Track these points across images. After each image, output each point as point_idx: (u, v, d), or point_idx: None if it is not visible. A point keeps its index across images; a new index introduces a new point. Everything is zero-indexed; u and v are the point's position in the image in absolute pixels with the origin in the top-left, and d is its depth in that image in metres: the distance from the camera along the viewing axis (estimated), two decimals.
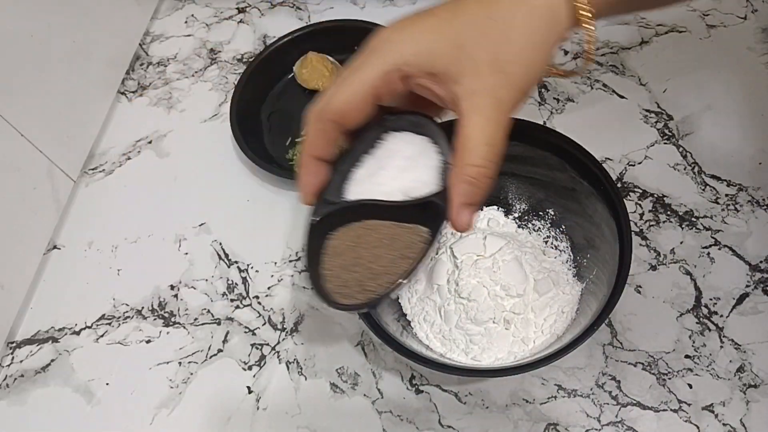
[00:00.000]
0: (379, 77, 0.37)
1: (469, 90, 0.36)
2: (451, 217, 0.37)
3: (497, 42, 0.35)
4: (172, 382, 0.58)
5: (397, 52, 0.36)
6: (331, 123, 0.38)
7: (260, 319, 0.60)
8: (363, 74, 0.37)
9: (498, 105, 0.36)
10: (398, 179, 0.40)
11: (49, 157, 0.65)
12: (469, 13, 0.36)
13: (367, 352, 0.57)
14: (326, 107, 0.38)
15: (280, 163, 0.69)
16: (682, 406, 0.51)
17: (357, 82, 0.37)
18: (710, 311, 0.54)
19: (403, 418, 0.53)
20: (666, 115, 0.64)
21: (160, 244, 0.66)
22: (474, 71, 0.35)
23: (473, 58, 0.35)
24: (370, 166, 0.41)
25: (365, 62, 0.37)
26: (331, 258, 0.41)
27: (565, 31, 0.37)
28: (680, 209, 0.59)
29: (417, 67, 0.36)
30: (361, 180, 0.41)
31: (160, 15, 0.84)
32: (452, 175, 0.37)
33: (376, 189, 0.41)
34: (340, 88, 0.37)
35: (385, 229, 0.41)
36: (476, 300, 0.52)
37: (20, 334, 0.62)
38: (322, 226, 0.41)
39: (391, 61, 0.36)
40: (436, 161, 0.40)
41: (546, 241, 0.57)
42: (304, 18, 0.80)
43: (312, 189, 0.41)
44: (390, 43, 0.37)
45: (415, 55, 0.36)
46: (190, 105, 0.75)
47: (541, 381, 0.53)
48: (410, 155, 0.41)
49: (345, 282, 0.40)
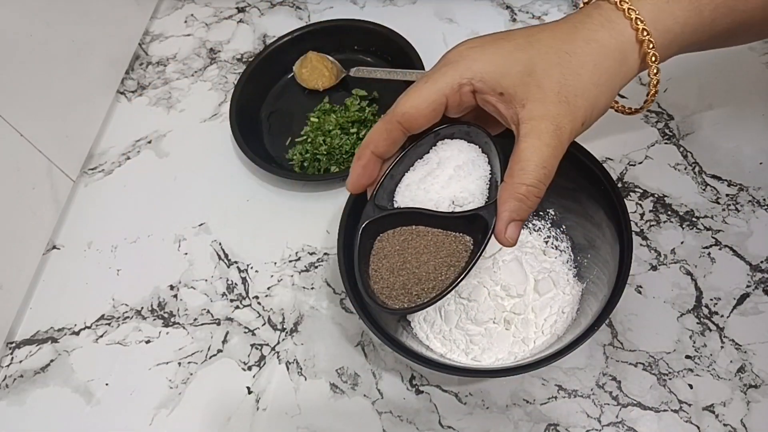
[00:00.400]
0: (451, 88, 0.39)
1: (532, 114, 0.38)
2: (498, 230, 0.39)
3: (566, 75, 0.38)
4: (172, 382, 0.58)
5: (472, 68, 0.39)
6: (397, 124, 0.40)
7: (260, 319, 0.60)
8: (436, 84, 0.39)
9: (557, 132, 0.38)
10: (448, 188, 0.42)
11: (49, 157, 0.65)
12: (544, 44, 0.38)
13: (367, 353, 0.56)
14: (396, 109, 0.40)
15: (279, 163, 0.69)
16: (683, 407, 0.51)
17: (430, 90, 0.39)
18: (711, 311, 0.54)
19: (403, 418, 0.53)
20: (666, 115, 0.64)
21: (160, 244, 0.66)
22: (540, 98, 0.38)
23: (541, 86, 0.38)
24: (422, 172, 0.43)
25: (440, 73, 0.39)
26: (377, 260, 0.43)
27: (633, 74, 0.40)
28: (681, 209, 0.59)
29: (488, 84, 0.39)
30: (412, 185, 0.43)
31: (160, 15, 0.84)
32: (504, 190, 0.39)
33: (425, 196, 0.42)
34: (413, 94, 0.40)
35: (431, 235, 0.42)
36: (476, 300, 0.52)
37: (20, 335, 0.62)
38: (370, 228, 0.43)
39: (466, 75, 0.39)
40: (484, 171, 0.42)
41: (546, 241, 0.57)
42: (304, 18, 0.80)
43: (363, 181, 0.42)
44: (466, 59, 0.39)
45: (489, 74, 0.38)
46: (189, 105, 0.75)
47: (542, 381, 0.53)
48: (461, 164, 0.42)
49: (391, 285, 0.42)
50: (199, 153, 0.71)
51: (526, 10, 0.75)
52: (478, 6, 0.76)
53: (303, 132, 0.69)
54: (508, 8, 0.75)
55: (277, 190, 0.67)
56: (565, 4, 0.74)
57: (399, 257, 0.42)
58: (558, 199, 0.56)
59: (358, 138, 0.67)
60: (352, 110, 0.69)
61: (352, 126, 0.68)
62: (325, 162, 0.67)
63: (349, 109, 0.69)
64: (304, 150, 0.68)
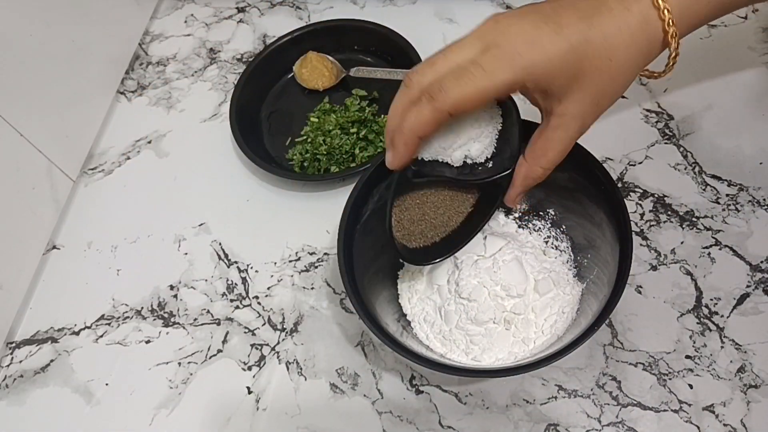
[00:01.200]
0: (506, 86, 0.39)
1: (567, 110, 0.41)
2: (510, 197, 0.47)
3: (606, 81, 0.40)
4: (172, 382, 0.58)
5: (525, 68, 0.39)
6: (447, 114, 0.40)
7: (260, 319, 0.60)
8: (492, 79, 0.38)
9: (581, 128, 0.43)
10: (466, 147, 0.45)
11: (49, 157, 0.65)
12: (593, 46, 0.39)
13: (367, 353, 0.56)
14: (446, 99, 0.39)
15: (279, 163, 0.69)
16: (683, 407, 0.51)
17: (485, 85, 0.39)
18: (711, 311, 0.54)
19: (403, 418, 0.53)
20: (666, 115, 0.64)
21: (160, 244, 0.66)
22: (578, 99, 0.41)
23: (582, 91, 0.40)
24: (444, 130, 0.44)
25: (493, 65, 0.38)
26: (399, 212, 0.48)
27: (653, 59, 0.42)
28: (681, 209, 0.59)
29: (537, 85, 0.40)
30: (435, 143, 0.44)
31: (160, 15, 0.84)
32: (523, 166, 0.45)
33: (447, 154, 0.45)
34: (466, 84, 0.39)
35: (447, 191, 0.48)
36: (476, 300, 0.52)
37: (20, 335, 0.62)
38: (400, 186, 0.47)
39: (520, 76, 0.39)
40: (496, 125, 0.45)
41: (546, 241, 0.57)
42: (304, 18, 0.80)
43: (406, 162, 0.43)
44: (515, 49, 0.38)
45: (542, 77, 0.39)
46: (189, 105, 0.75)
47: (542, 381, 0.53)
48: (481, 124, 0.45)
49: (411, 232, 0.48)
50: (199, 153, 0.71)
51: None
52: (478, 6, 0.76)
53: (303, 132, 0.69)
54: (508, 8, 0.75)
55: (277, 190, 0.67)
56: None
57: (419, 210, 0.48)
58: (558, 199, 0.56)
59: (358, 138, 0.67)
60: (352, 110, 0.69)
61: (352, 126, 0.68)
62: (325, 162, 0.67)
63: (349, 109, 0.69)
64: (304, 150, 0.68)
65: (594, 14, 0.39)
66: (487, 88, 0.39)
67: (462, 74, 0.39)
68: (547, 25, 0.39)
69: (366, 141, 0.67)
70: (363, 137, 0.67)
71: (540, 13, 0.40)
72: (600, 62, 0.39)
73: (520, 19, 0.39)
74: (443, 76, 0.39)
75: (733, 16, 0.69)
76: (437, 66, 0.40)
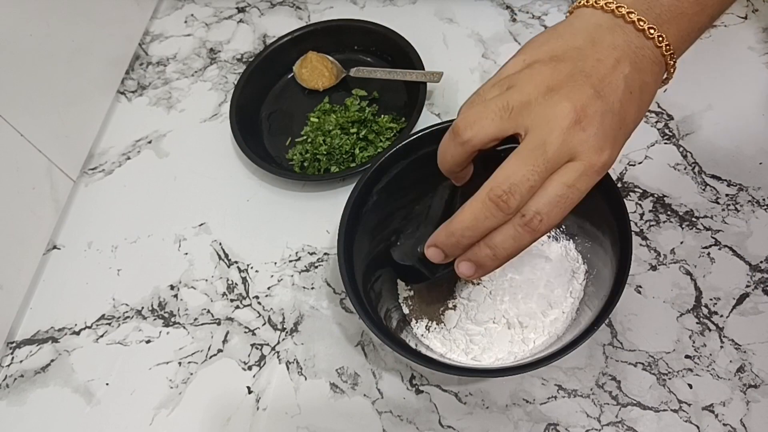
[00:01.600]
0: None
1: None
2: None
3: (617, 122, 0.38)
4: (172, 382, 0.58)
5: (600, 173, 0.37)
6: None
7: (260, 319, 0.60)
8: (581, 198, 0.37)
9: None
10: None
11: (49, 157, 0.65)
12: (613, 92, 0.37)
13: (367, 352, 0.56)
14: (545, 228, 0.37)
15: (279, 163, 0.69)
16: (683, 407, 0.51)
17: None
18: (710, 311, 0.54)
19: (403, 418, 0.53)
20: (666, 115, 0.64)
21: (160, 244, 0.66)
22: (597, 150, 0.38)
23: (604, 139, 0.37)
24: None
25: (588, 185, 0.37)
26: None
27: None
28: (680, 209, 0.59)
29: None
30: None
31: (160, 15, 0.84)
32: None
33: None
34: (564, 209, 0.37)
35: None
36: (476, 300, 0.52)
37: (20, 334, 0.62)
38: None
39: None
40: None
41: (546, 241, 0.57)
42: (304, 18, 0.80)
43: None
44: (603, 163, 0.37)
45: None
46: (189, 105, 0.75)
47: (542, 381, 0.53)
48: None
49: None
50: (199, 153, 0.71)
51: (526, 10, 0.75)
52: (478, 6, 0.76)
53: (303, 132, 0.70)
54: (508, 8, 0.75)
55: (277, 190, 0.67)
56: (565, 4, 0.74)
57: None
58: None
59: (358, 138, 0.67)
60: (352, 110, 0.69)
61: (352, 126, 0.68)
62: (325, 162, 0.67)
63: (349, 109, 0.69)
64: (304, 150, 0.68)
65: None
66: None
67: (561, 202, 0.36)
68: (621, 129, 0.38)
69: (366, 141, 0.67)
70: (363, 137, 0.67)
71: (614, 113, 0.38)
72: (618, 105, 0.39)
73: (602, 122, 0.37)
74: (540, 199, 0.36)
75: (733, 16, 0.69)
76: (523, 177, 0.36)
